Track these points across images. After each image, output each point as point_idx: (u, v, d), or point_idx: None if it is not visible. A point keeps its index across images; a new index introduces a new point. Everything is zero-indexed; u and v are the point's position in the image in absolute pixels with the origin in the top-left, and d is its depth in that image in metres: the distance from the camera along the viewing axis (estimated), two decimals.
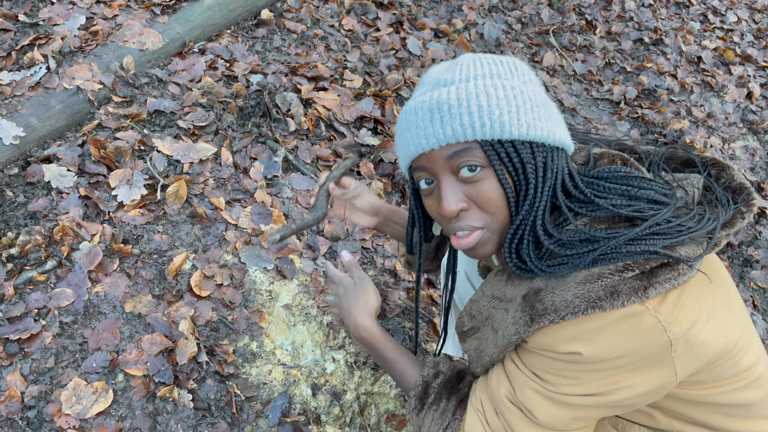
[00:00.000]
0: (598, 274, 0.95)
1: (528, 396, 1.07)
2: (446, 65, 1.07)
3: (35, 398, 1.55)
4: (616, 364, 0.97)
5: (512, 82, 0.99)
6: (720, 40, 4.47)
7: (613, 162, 1.08)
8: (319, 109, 2.57)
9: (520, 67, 1.02)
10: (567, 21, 4.09)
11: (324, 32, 3.07)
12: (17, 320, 1.67)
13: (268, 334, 1.86)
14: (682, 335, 0.94)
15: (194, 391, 1.67)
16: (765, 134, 3.76)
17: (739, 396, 1.07)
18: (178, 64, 2.53)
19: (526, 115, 0.97)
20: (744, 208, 1.01)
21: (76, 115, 2.17)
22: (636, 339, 0.94)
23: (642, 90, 3.78)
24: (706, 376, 1.03)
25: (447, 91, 0.99)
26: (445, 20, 3.64)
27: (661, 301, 0.94)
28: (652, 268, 0.95)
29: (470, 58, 1.04)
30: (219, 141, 2.30)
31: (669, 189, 1.02)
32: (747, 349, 1.05)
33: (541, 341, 1.02)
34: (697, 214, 0.99)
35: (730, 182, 1.07)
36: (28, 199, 1.92)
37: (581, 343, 0.97)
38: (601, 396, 1.01)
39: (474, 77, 0.99)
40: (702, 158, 1.12)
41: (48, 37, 2.33)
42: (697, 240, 0.96)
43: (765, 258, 2.80)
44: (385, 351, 1.36)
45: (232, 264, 1.96)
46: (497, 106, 0.96)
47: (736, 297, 1.10)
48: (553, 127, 1.00)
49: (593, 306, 0.94)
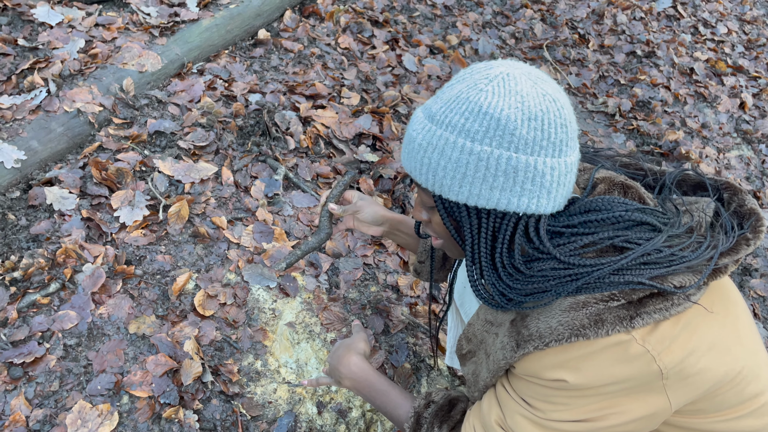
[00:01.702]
0: (584, 302, 0.96)
1: (517, 421, 1.07)
2: (458, 78, 0.99)
3: (40, 422, 1.55)
4: (605, 390, 0.97)
5: (476, 146, 0.91)
6: (711, 52, 4.52)
7: (610, 189, 1.06)
8: (317, 126, 2.59)
9: (506, 125, 0.89)
10: (560, 35, 4.14)
11: (321, 51, 3.10)
12: (21, 344, 1.66)
13: (272, 352, 1.85)
14: (674, 365, 0.94)
15: (200, 412, 1.66)
16: (759, 143, 3.79)
17: (742, 424, 1.06)
18: (178, 85, 2.54)
19: (471, 186, 0.93)
20: (750, 235, 1.00)
21: (77, 137, 2.18)
22: (622, 367, 0.94)
23: (636, 102, 3.82)
24: (707, 405, 1.03)
25: (422, 128, 0.97)
26: (440, 37, 3.68)
27: (650, 331, 0.93)
28: (640, 298, 0.94)
29: (477, 86, 0.93)
30: (219, 160, 2.31)
31: (668, 217, 1.00)
32: (753, 378, 1.04)
33: (527, 367, 1.03)
34: (695, 242, 0.97)
35: (741, 207, 1.06)
36: (31, 222, 1.92)
37: (566, 371, 0.97)
38: (590, 422, 1.01)
39: (446, 125, 0.93)
40: (715, 181, 1.11)
41: (47, 60, 2.35)
42: (694, 268, 0.95)
43: (764, 266, 2.82)
44: (376, 383, 1.38)
45: (235, 283, 1.96)
46: (443, 168, 0.95)
47: (747, 324, 1.08)
48: (507, 197, 0.93)
49: (577, 334, 0.94)
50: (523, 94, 0.90)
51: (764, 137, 3.84)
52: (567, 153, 0.93)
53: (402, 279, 2.19)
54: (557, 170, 0.92)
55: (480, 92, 0.91)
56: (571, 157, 0.94)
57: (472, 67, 0.97)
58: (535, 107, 0.89)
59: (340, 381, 1.43)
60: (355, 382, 1.40)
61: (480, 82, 0.92)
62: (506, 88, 0.90)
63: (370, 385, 1.39)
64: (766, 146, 3.77)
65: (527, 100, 0.89)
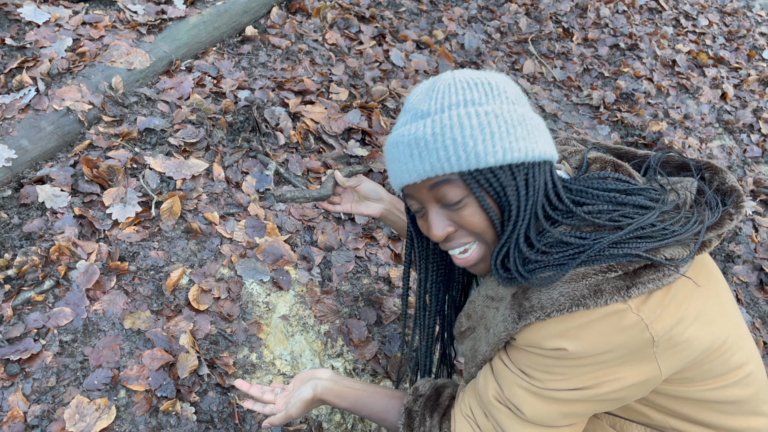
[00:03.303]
0: (583, 274, 1.00)
1: (515, 393, 1.10)
2: (425, 90, 1.07)
3: (38, 417, 1.56)
4: (601, 359, 1.02)
5: (486, 107, 1.00)
6: (693, 44, 4.59)
7: (604, 167, 1.13)
8: (307, 122, 2.61)
9: (496, 85, 1.03)
10: (545, 29, 4.19)
11: (308, 47, 3.12)
12: (17, 341, 1.67)
13: (267, 345, 1.88)
14: (664, 333, 0.99)
15: (197, 404, 1.68)
16: (740, 133, 3.86)
17: (728, 393, 1.11)
18: (166, 83, 2.55)
19: (502, 141, 0.99)
20: (733, 210, 1.06)
21: (67, 135, 2.19)
22: (619, 336, 0.99)
23: (620, 94, 3.87)
24: (695, 374, 1.07)
25: (423, 125, 1.02)
26: (426, 32, 3.71)
27: (644, 300, 0.99)
28: (635, 269, 1.00)
29: (446, 82, 1.04)
30: (210, 157, 2.33)
31: (659, 194, 1.07)
32: (737, 349, 1.09)
33: (529, 338, 1.07)
34: (684, 218, 1.03)
35: (722, 185, 1.12)
36: (23, 221, 1.93)
37: (567, 340, 1.01)
38: (586, 390, 1.05)
39: (449, 107, 1.00)
40: (696, 162, 1.18)
41: (36, 59, 2.35)
42: (683, 242, 1.00)
43: (746, 253, 2.88)
44: (358, 386, 1.38)
45: (229, 277, 1.98)
46: (471, 137, 0.99)
47: (728, 298, 1.14)
48: (531, 144, 1.01)
49: (577, 304, 0.99)
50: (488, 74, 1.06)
51: (745, 127, 3.91)
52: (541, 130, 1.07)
53: (393, 271, 2.22)
54: (539, 120, 1.06)
55: (456, 78, 1.05)
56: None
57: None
58: (503, 79, 1.06)
59: (316, 398, 1.38)
60: (335, 395, 1.37)
61: (439, 78, 1.07)
62: (469, 71, 1.06)
63: (353, 388, 1.38)
64: (747, 136, 3.84)
65: (494, 74, 1.05)
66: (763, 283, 2.78)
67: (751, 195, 3.36)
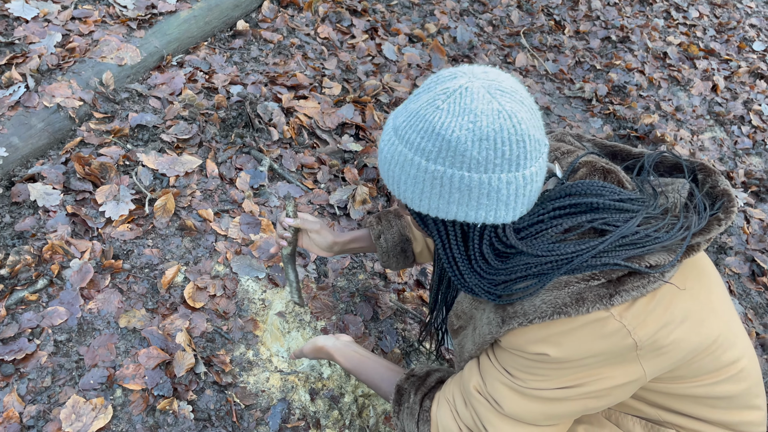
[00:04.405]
0: (566, 282, 1.01)
1: (497, 388, 1.13)
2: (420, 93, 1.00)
3: (34, 418, 1.55)
4: (583, 363, 1.03)
5: (431, 165, 0.94)
6: (684, 36, 4.61)
7: (592, 174, 1.11)
8: (300, 117, 2.60)
9: (456, 147, 0.91)
10: (536, 22, 4.18)
11: (300, 41, 3.10)
12: (11, 341, 1.66)
13: (264, 342, 1.87)
14: (648, 337, 0.99)
15: (194, 402, 1.67)
16: (731, 125, 3.88)
17: (720, 389, 1.12)
18: (158, 78, 2.53)
19: (430, 200, 0.98)
20: (722, 215, 1.05)
21: (58, 132, 2.16)
22: (600, 342, 1.00)
23: (612, 87, 3.88)
24: (686, 372, 1.09)
25: (389, 142, 1.01)
26: (418, 25, 3.69)
27: (627, 307, 0.99)
28: (619, 277, 1.00)
29: (423, 110, 0.95)
30: (203, 153, 2.31)
31: (643, 201, 1.06)
32: (729, 346, 1.10)
33: (512, 341, 1.09)
34: (669, 224, 1.03)
35: (714, 188, 1.11)
36: (15, 219, 1.91)
37: (548, 345, 1.03)
38: (569, 389, 1.07)
39: (405, 142, 0.96)
40: (690, 163, 1.17)
41: (25, 55, 2.32)
42: (669, 247, 1.00)
43: (738, 245, 2.90)
44: (365, 353, 1.52)
45: (224, 274, 1.97)
46: (405, 183, 0.99)
47: (721, 296, 1.14)
48: (465, 210, 0.97)
49: (559, 312, 0.99)
50: (477, 112, 0.91)
51: (736, 119, 3.93)
52: (525, 166, 0.94)
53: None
54: (514, 184, 0.94)
55: (436, 111, 0.93)
56: (531, 168, 0.95)
57: (440, 74, 0.99)
58: (487, 127, 0.90)
59: (325, 348, 1.54)
60: (340, 351, 1.52)
61: (438, 98, 0.94)
62: (461, 106, 0.92)
63: (358, 353, 1.52)
64: (738, 127, 3.86)
65: (480, 119, 0.90)
66: (755, 274, 2.81)
67: (742, 186, 3.38)
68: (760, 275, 2.79)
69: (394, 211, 1.75)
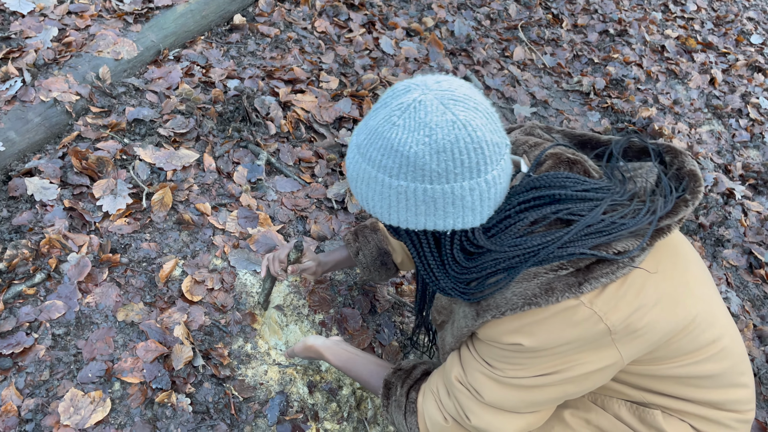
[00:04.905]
0: (534, 273, 1.03)
1: (476, 378, 1.17)
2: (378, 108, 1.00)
3: (32, 411, 1.55)
4: (558, 350, 1.05)
5: (394, 180, 0.95)
6: (682, 29, 4.60)
7: (556, 165, 1.11)
8: (297, 111, 2.59)
9: (414, 162, 0.93)
10: (534, 15, 4.18)
11: (297, 35, 3.09)
12: (9, 335, 1.66)
13: (262, 335, 1.88)
14: (621, 322, 1.01)
15: (192, 395, 1.68)
16: (729, 118, 3.88)
17: (702, 368, 1.14)
18: (155, 72, 2.52)
19: (398, 213, 1.00)
20: (689, 196, 1.06)
21: (55, 127, 2.16)
22: (572, 330, 1.02)
23: (610, 80, 3.88)
24: (664, 353, 1.10)
25: (353, 159, 1.02)
26: (415, 19, 3.68)
27: (597, 294, 1.01)
28: (587, 265, 1.01)
29: (381, 127, 0.96)
30: (201, 147, 2.31)
31: (607, 189, 1.06)
32: (708, 326, 1.11)
33: (488, 333, 1.12)
34: (634, 209, 1.04)
35: (681, 169, 1.12)
36: (12, 214, 1.91)
37: (522, 336, 1.05)
38: (547, 376, 1.09)
39: (368, 159, 0.98)
40: (658, 145, 1.18)
41: (21, 50, 2.31)
42: (638, 233, 1.01)
43: (736, 237, 2.91)
44: (354, 350, 1.58)
45: (222, 268, 1.98)
46: (372, 199, 1.01)
47: (697, 276, 1.15)
48: (433, 220, 0.99)
49: (530, 303, 1.02)
50: (432, 125, 0.92)
51: (734, 112, 3.93)
52: (486, 171, 0.95)
53: None
54: (477, 190, 0.96)
55: (392, 127, 0.94)
56: (493, 172, 0.97)
57: (395, 87, 1.00)
58: (443, 139, 0.92)
59: (314, 347, 1.61)
60: (329, 349, 1.58)
61: (394, 114, 0.95)
62: (416, 121, 0.93)
63: (347, 350, 1.58)
64: (736, 120, 3.86)
65: (435, 132, 0.92)
66: (752, 266, 2.81)
67: (740, 179, 3.38)
68: (757, 267, 2.80)
69: (371, 225, 1.79)
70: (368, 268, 1.77)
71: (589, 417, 1.26)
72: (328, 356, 1.58)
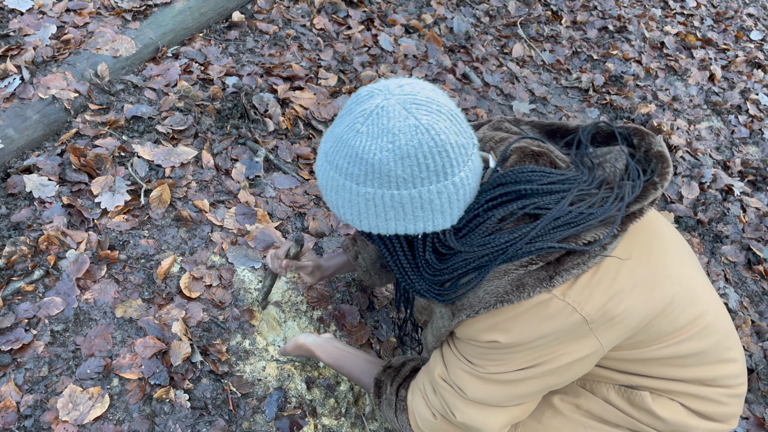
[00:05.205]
0: (505, 270, 1.03)
1: (458, 375, 1.18)
2: (343, 114, 1.01)
3: (31, 407, 1.56)
4: (535, 344, 1.06)
5: (362, 188, 0.96)
6: (681, 26, 4.60)
7: (521, 159, 1.11)
8: (296, 108, 2.60)
9: (380, 168, 0.93)
10: (533, 12, 4.17)
11: (296, 32, 3.10)
12: (8, 331, 1.66)
13: (260, 331, 1.88)
14: (597, 310, 1.02)
15: (190, 391, 1.68)
16: (728, 114, 3.88)
17: (685, 347, 1.14)
18: (153, 70, 2.53)
19: (368, 219, 1.00)
20: (657, 179, 1.06)
21: (54, 124, 2.16)
22: (547, 323, 1.03)
23: (609, 77, 3.87)
24: (645, 336, 1.10)
25: (322, 168, 1.02)
26: (414, 16, 3.68)
27: (570, 286, 1.01)
28: (558, 258, 1.01)
29: (345, 134, 0.96)
30: (199, 144, 2.31)
31: (573, 179, 1.06)
32: (687, 305, 1.11)
33: (464, 332, 1.13)
34: (602, 198, 1.04)
35: (649, 151, 1.12)
36: (11, 211, 1.91)
37: (498, 333, 1.06)
38: (528, 369, 1.10)
39: (335, 167, 0.98)
40: (625, 129, 1.18)
41: (20, 47, 2.31)
42: (608, 221, 1.01)
43: (734, 233, 2.91)
44: (346, 348, 1.60)
45: (220, 265, 1.98)
46: (342, 206, 1.01)
47: (676, 257, 1.14)
48: (404, 224, 0.99)
49: (502, 300, 1.02)
50: (395, 131, 0.92)
51: (733, 108, 3.93)
52: (453, 173, 0.96)
53: None
54: (445, 193, 0.97)
55: (356, 135, 0.94)
56: (461, 174, 0.97)
57: (359, 93, 1.00)
58: (406, 144, 0.92)
59: (306, 345, 1.62)
60: (320, 347, 1.60)
61: (357, 121, 0.95)
62: (379, 127, 0.93)
63: (339, 348, 1.60)
64: (735, 117, 3.86)
65: (398, 137, 0.92)
66: (750, 262, 2.81)
67: (739, 176, 3.38)
68: (756, 263, 2.80)
69: None
70: (368, 271, 1.77)
71: (578, 402, 1.27)
72: (319, 354, 1.60)
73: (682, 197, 3.05)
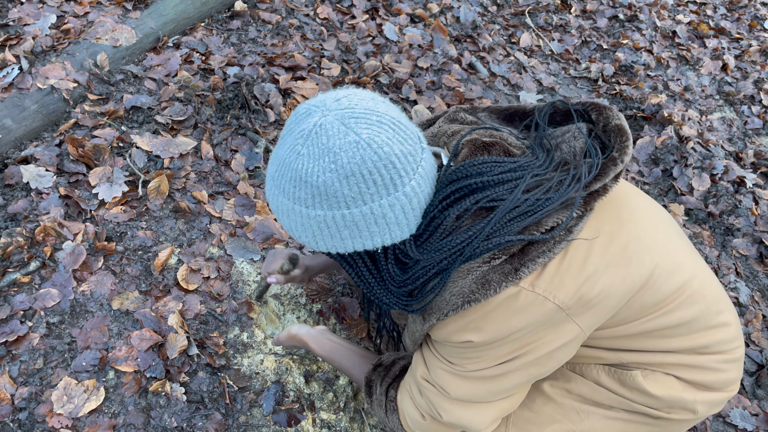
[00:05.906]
0: (468, 269, 1.00)
1: (440, 375, 1.16)
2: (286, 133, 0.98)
3: (26, 400, 1.54)
4: (511, 338, 1.03)
5: (311, 211, 0.94)
6: (693, 14, 4.50)
7: (473, 152, 1.07)
8: (298, 98, 2.56)
9: (326, 190, 0.91)
10: (542, 1, 4.10)
11: (299, 22, 3.06)
12: (3, 323, 1.65)
13: (258, 324, 1.86)
14: (571, 296, 0.98)
15: (187, 384, 1.66)
16: (741, 105, 3.80)
17: (671, 318, 1.09)
18: (153, 59, 2.50)
19: (324, 240, 0.98)
20: (616, 154, 1.01)
21: (52, 114, 2.14)
22: (519, 317, 0.99)
23: (619, 66, 3.80)
24: (628, 313, 1.07)
25: (271, 192, 1.00)
26: (420, 5, 3.63)
27: (538, 275, 0.98)
28: (521, 248, 0.98)
29: (288, 158, 0.94)
30: (198, 135, 2.28)
31: (526, 165, 1.02)
32: (669, 274, 1.07)
33: (437, 335, 1.12)
34: (557, 181, 0.99)
35: (607, 125, 1.07)
36: (8, 201, 1.89)
37: (470, 333, 1.04)
38: (509, 362, 1.08)
39: (282, 191, 0.95)
40: (582, 105, 1.14)
41: (19, 37, 2.29)
42: (569, 203, 0.97)
43: (746, 226, 2.84)
44: (339, 340, 1.58)
45: (218, 256, 1.96)
46: (296, 230, 0.99)
47: (650, 226, 1.09)
48: (360, 241, 0.97)
49: (469, 300, 0.99)
50: (336, 150, 0.89)
51: (746, 98, 3.84)
52: (403, 184, 0.93)
53: None
54: (398, 204, 0.94)
55: (298, 157, 0.92)
56: (411, 182, 0.94)
57: (297, 111, 0.98)
58: (348, 163, 0.89)
59: (299, 336, 1.59)
60: (314, 338, 1.57)
61: (297, 143, 0.92)
62: (319, 148, 0.90)
63: (332, 340, 1.57)
64: (748, 107, 3.78)
65: (340, 157, 0.89)
66: (762, 256, 2.75)
67: (752, 167, 3.31)
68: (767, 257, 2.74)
69: None
70: None
71: (569, 386, 1.25)
72: (311, 345, 1.57)
73: (693, 189, 2.99)
